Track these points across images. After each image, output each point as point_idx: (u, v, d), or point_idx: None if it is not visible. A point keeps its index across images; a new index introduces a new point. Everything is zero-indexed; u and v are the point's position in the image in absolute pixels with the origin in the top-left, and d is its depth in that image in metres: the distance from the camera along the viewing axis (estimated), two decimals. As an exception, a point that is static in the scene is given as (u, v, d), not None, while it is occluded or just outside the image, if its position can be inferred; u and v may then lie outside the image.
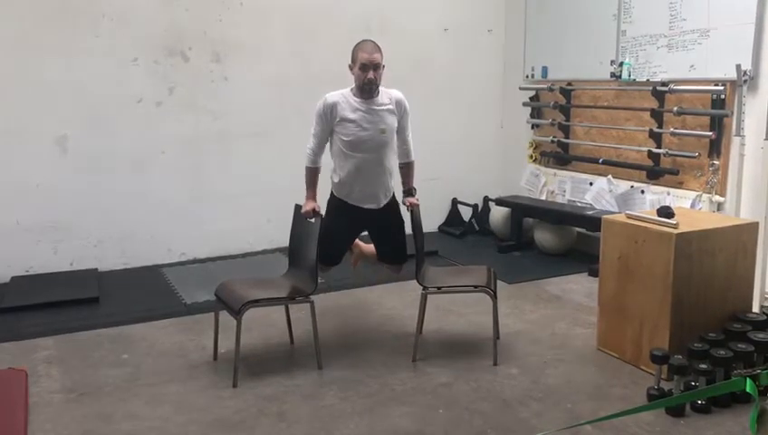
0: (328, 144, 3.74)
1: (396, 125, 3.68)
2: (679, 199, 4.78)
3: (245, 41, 5.51)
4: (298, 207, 3.74)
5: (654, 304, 3.38)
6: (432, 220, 6.38)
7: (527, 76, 6.25)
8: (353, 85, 3.61)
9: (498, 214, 6.11)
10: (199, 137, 5.46)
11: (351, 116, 3.56)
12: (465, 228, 6.38)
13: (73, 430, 2.95)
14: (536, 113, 6.22)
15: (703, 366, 3.11)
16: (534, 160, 6.25)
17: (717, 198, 4.63)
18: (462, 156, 6.45)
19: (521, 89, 6.25)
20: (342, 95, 3.61)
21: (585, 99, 5.73)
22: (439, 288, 3.62)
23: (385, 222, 3.76)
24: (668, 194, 4.91)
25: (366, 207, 3.70)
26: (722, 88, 4.55)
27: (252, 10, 5.50)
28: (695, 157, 4.76)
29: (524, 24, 6.25)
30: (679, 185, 4.92)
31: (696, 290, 3.36)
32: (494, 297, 3.57)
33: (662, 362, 3.16)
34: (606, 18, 5.37)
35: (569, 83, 5.80)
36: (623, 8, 5.24)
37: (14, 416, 2.96)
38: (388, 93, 3.65)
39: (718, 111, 4.59)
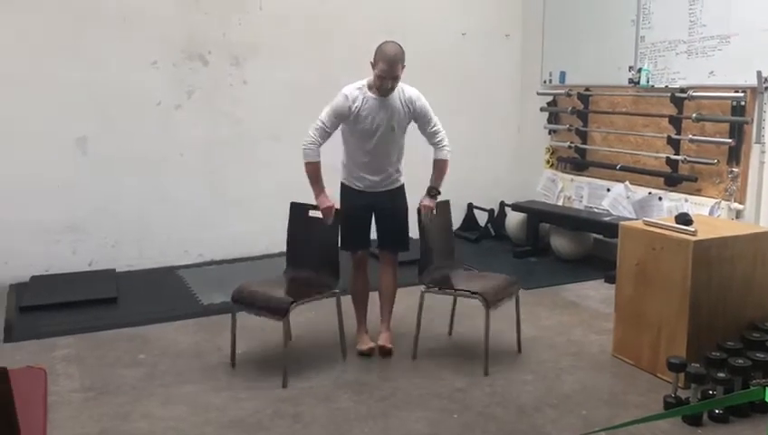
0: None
1: (406, 123, 3.67)
2: (697, 206, 4.74)
3: (264, 45, 5.55)
4: (295, 206, 3.75)
5: (671, 312, 3.36)
6: (448, 225, 6.37)
7: (545, 81, 6.23)
8: (371, 79, 3.57)
9: (514, 219, 6.10)
10: (217, 140, 5.50)
11: (366, 111, 3.56)
12: (481, 233, 6.37)
13: (91, 429, 2.98)
14: (553, 118, 6.20)
15: (721, 375, 3.08)
16: (551, 166, 6.23)
17: (736, 205, 4.59)
18: (478, 160, 6.44)
19: (538, 94, 6.24)
20: (359, 90, 3.58)
21: (603, 104, 5.71)
22: (440, 288, 3.67)
23: (387, 204, 3.73)
24: (686, 201, 4.88)
25: (370, 191, 3.70)
26: (742, 95, 4.51)
27: (271, 14, 5.54)
28: (713, 164, 4.72)
29: (542, 29, 6.24)
30: (697, 192, 4.88)
31: (715, 298, 3.34)
32: (488, 307, 3.51)
33: (679, 369, 3.14)
34: (625, 24, 5.35)
35: (587, 89, 5.78)
36: (642, 14, 5.22)
37: (34, 414, 2.98)
38: (403, 91, 3.63)
39: (738, 117, 4.56)
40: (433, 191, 3.74)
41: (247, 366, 3.56)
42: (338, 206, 3.65)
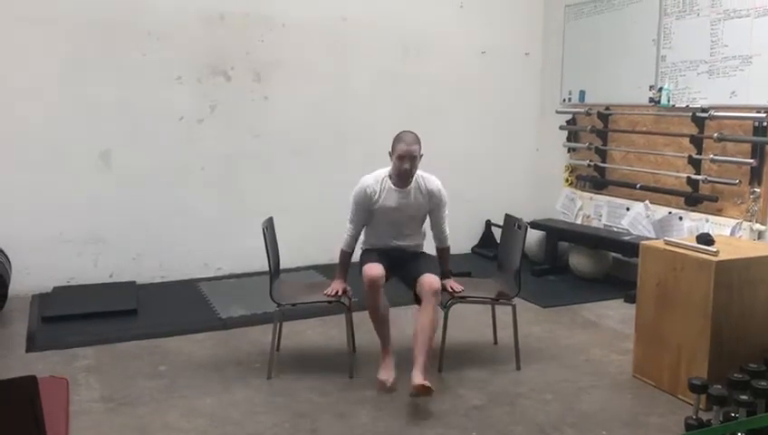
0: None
1: (425, 211, 3.76)
2: (718, 227, 4.71)
3: (286, 61, 5.62)
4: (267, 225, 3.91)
5: (693, 333, 3.33)
6: (465, 242, 6.38)
7: (564, 100, 6.24)
8: (389, 169, 3.67)
9: (533, 237, 6.08)
10: (238, 154, 5.56)
11: (387, 203, 3.66)
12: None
13: (112, 439, 3.01)
14: (573, 137, 6.20)
15: (743, 397, 3.04)
16: (570, 184, 6.22)
17: (758, 226, 4.55)
18: (497, 178, 6.46)
19: (557, 112, 6.25)
20: (378, 181, 3.67)
21: (623, 123, 5.70)
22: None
23: (411, 254, 3.80)
24: (707, 221, 4.85)
25: (394, 246, 3.81)
26: (764, 115, 4.49)
27: (293, 31, 5.61)
28: (735, 184, 4.70)
29: (562, 48, 6.26)
30: (718, 212, 4.85)
31: (737, 319, 3.31)
32: (443, 308, 3.65)
33: (701, 391, 3.10)
34: (645, 43, 5.36)
35: (606, 108, 5.78)
36: (663, 33, 5.22)
37: (58, 423, 3.01)
38: (424, 182, 3.69)
39: (760, 138, 4.54)
40: (450, 274, 3.84)
41: (265, 380, 3.57)
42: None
